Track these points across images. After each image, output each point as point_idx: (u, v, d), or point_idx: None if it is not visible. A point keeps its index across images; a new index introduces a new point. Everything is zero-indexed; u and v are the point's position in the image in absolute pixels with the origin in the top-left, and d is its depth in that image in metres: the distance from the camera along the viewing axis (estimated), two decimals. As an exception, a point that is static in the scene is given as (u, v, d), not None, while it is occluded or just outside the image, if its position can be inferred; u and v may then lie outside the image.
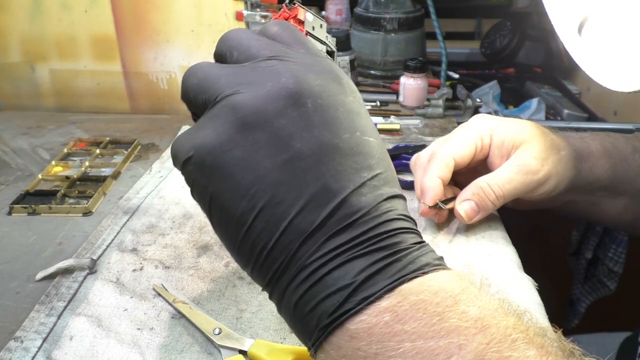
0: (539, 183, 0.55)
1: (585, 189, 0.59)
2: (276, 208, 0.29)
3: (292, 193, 0.29)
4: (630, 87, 0.41)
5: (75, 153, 0.77)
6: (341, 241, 0.29)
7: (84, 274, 0.51)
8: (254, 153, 0.30)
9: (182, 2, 0.84)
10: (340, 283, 0.28)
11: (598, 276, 0.83)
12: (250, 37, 0.35)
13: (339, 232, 0.29)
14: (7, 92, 0.92)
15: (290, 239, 0.29)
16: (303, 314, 0.29)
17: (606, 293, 0.83)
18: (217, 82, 0.32)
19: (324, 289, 0.28)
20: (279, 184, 0.30)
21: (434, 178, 0.55)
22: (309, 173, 0.30)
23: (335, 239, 0.29)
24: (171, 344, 0.44)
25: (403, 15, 1.03)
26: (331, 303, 0.28)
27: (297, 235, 0.29)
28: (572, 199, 0.60)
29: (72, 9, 0.85)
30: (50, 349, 0.43)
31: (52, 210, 0.62)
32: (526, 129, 0.57)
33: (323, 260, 0.28)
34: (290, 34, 0.36)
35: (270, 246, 0.30)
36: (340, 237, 0.29)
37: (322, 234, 0.29)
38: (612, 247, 0.85)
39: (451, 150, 0.56)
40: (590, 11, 0.44)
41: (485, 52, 1.33)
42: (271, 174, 0.30)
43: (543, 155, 0.55)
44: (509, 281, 0.51)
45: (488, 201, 0.55)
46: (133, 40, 0.87)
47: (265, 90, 0.31)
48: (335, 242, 0.29)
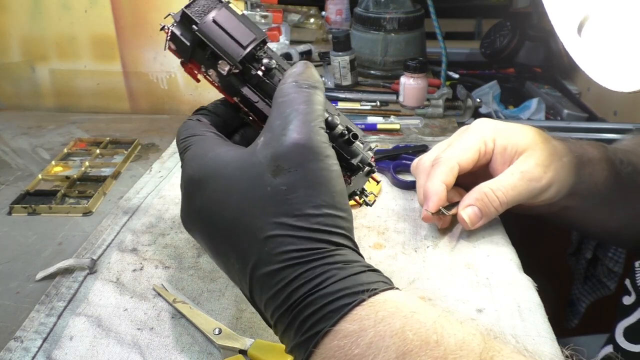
0: (542, 190, 0.55)
1: (582, 195, 0.59)
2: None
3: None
4: (630, 87, 0.41)
5: (75, 153, 0.77)
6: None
7: (84, 274, 0.51)
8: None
9: (182, 2, 0.84)
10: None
11: (598, 276, 0.83)
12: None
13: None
14: (7, 92, 0.92)
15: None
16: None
17: (606, 293, 0.83)
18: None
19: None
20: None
21: (438, 183, 0.55)
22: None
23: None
24: (171, 344, 0.44)
25: (403, 15, 1.02)
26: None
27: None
28: (567, 204, 0.60)
29: (72, 9, 0.85)
30: (50, 349, 0.43)
31: (52, 210, 0.62)
32: (529, 135, 0.57)
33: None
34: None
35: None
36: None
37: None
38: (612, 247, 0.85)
39: (455, 155, 0.57)
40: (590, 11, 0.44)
41: (485, 52, 1.33)
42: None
43: (546, 162, 0.55)
44: (509, 281, 0.51)
45: (492, 207, 0.55)
46: (133, 40, 0.87)
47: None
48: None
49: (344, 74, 0.99)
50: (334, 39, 0.99)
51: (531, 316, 0.47)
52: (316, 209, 0.34)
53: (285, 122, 0.36)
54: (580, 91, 1.17)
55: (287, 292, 0.33)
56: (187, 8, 0.40)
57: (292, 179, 0.34)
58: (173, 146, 0.78)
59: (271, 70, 0.41)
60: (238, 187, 0.35)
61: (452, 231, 0.59)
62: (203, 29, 0.40)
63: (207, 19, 0.40)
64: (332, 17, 1.34)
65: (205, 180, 0.36)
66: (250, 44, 0.40)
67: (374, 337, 0.30)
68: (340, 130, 0.40)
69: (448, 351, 0.29)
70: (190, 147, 0.39)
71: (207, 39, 0.40)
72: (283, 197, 0.34)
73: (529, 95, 1.17)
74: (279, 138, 0.35)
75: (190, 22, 0.40)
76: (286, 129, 0.35)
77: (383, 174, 0.69)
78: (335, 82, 1.02)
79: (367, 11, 1.05)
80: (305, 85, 0.38)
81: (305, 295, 0.32)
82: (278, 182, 0.34)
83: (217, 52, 0.40)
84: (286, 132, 0.35)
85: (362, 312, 0.31)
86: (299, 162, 0.35)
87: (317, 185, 0.34)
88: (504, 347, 0.31)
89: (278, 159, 0.35)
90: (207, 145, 0.39)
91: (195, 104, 0.91)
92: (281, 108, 0.37)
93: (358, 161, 0.42)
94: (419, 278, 0.52)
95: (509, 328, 0.45)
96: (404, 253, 0.55)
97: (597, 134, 0.88)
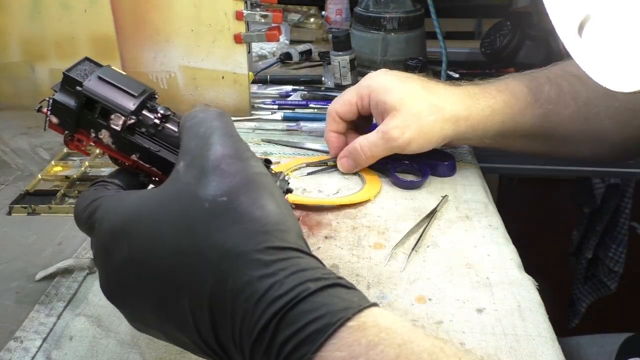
0: (400, 148, 0.64)
1: (474, 140, 0.68)
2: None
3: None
4: (630, 87, 0.41)
5: (75, 153, 0.77)
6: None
7: (83, 274, 0.51)
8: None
9: (182, 2, 0.84)
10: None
11: (598, 276, 0.83)
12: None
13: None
14: (7, 92, 0.92)
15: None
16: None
17: (606, 293, 0.83)
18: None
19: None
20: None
21: (328, 133, 0.70)
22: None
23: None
24: (171, 344, 0.44)
25: (403, 15, 1.02)
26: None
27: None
28: (501, 143, 0.68)
29: (72, 9, 0.85)
30: (50, 349, 0.43)
31: (52, 210, 0.62)
32: (399, 94, 0.63)
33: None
34: None
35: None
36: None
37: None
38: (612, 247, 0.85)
39: (335, 107, 0.68)
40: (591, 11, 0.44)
41: (485, 51, 1.33)
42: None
43: (405, 124, 0.62)
44: (510, 281, 0.51)
45: (361, 159, 0.66)
46: (133, 40, 0.87)
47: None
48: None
49: (344, 74, 0.99)
50: (334, 39, 0.99)
51: (531, 316, 0.47)
52: (263, 209, 0.31)
53: (204, 139, 0.33)
54: (581, 91, 1.17)
55: (259, 311, 0.28)
56: (68, 71, 0.38)
57: (230, 188, 0.31)
58: (173, 146, 0.78)
59: (168, 118, 0.40)
60: (171, 218, 0.31)
61: (450, 228, 0.59)
62: (89, 86, 0.38)
63: (92, 77, 0.38)
64: (332, 16, 1.34)
65: (128, 225, 0.32)
66: (142, 94, 0.39)
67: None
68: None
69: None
70: (98, 207, 0.35)
71: (95, 96, 0.38)
72: (225, 207, 0.31)
73: (529, 95, 1.17)
74: (201, 156, 0.32)
75: (74, 84, 0.38)
76: (207, 144, 0.33)
77: (383, 174, 0.69)
78: (335, 82, 1.02)
79: (367, 11, 1.05)
80: (211, 108, 0.36)
81: (280, 311, 0.28)
82: (215, 195, 0.31)
83: (108, 105, 0.38)
84: (209, 148, 0.32)
85: (349, 337, 0.28)
86: (234, 171, 0.32)
87: (257, 186, 0.32)
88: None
89: (208, 174, 0.31)
90: (119, 197, 0.35)
91: (195, 104, 0.91)
92: (193, 130, 0.34)
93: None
94: (419, 278, 0.52)
95: (510, 328, 0.45)
96: (404, 253, 0.55)
97: (597, 134, 0.87)
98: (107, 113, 0.38)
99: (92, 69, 0.39)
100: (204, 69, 0.88)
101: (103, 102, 0.38)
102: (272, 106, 0.93)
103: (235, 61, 0.87)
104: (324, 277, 0.30)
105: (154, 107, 0.40)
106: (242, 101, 0.90)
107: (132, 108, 0.38)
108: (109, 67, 0.40)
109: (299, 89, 1.00)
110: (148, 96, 0.40)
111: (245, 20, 0.85)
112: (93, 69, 0.39)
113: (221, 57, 0.87)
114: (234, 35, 0.85)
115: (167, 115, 0.40)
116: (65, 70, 0.38)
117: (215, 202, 0.31)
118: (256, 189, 0.32)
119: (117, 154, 0.40)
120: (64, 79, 0.38)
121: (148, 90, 0.40)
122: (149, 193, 0.35)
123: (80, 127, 0.39)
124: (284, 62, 1.19)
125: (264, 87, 1.03)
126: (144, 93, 0.39)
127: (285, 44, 1.24)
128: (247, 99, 0.90)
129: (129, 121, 0.38)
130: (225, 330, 0.30)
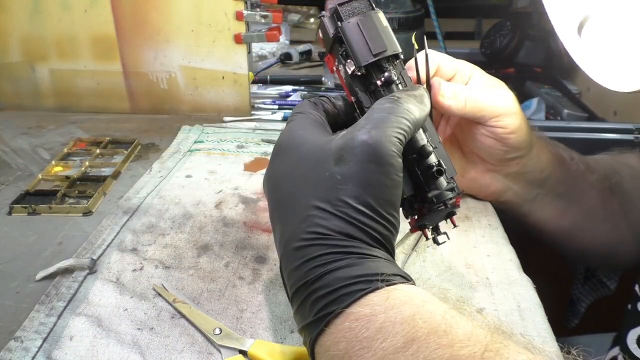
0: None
1: (527, 179, 0.61)
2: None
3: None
4: (630, 87, 0.41)
5: (75, 153, 0.77)
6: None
7: (84, 273, 0.51)
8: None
9: (182, 2, 0.84)
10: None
11: (598, 276, 0.83)
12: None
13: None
14: (7, 92, 0.92)
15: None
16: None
17: (606, 293, 0.83)
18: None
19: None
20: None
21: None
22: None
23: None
24: (171, 344, 0.44)
25: (403, 15, 1.02)
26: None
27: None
28: (513, 190, 0.61)
29: (72, 9, 0.85)
30: (50, 349, 0.43)
31: (52, 210, 0.62)
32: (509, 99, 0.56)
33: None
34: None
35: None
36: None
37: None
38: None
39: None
40: (590, 11, 0.44)
41: (485, 52, 1.33)
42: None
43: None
44: (509, 281, 0.51)
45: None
46: (133, 40, 0.87)
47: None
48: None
49: (344, 74, 0.99)
50: (334, 39, 0.99)
51: (531, 316, 0.47)
52: (358, 206, 0.36)
53: (366, 123, 0.38)
54: (580, 91, 1.17)
55: (307, 267, 0.35)
56: (341, 6, 0.44)
57: (348, 171, 0.36)
58: (173, 146, 0.78)
59: (391, 84, 0.43)
60: (304, 165, 0.38)
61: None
62: (345, 27, 0.43)
63: (352, 20, 0.44)
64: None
65: (286, 150, 0.40)
66: (380, 54, 0.43)
67: (384, 322, 0.31)
68: (430, 162, 0.42)
69: (455, 340, 0.30)
70: (292, 120, 0.43)
71: (344, 37, 0.44)
72: (334, 184, 0.36)
73: (529, 95, 1.17)
74: (353, 133, 0.37)
75: (338, 19, 0.44)
76: (363, 127, 0.37)
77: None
78: (335, 82, 1.02)
79: (367, 11, 1.05)
80: (404, 101, 0.40)
81: (323, 273, 0.34)
82: (336, 170, 0.37)
83: (349, 51, 0.44)
84: (361, 130, 0.37)
85: (374, 298, 0.33)
86: (360, 158, 0.36)
87: (368, 185, 0.36)
88: (511, 342, 0.31)
89: (344, 149, 0.37)
90: (303, 124, 0.42)
91: (195, 104, 0.91)
92: (370, 112, 0.39)
93: (434, 196, 0.43)
94: (419, 278, 0.52)
95: (509, 328, 0.45)
96: (404, 253, 0.55)
97: (597, 134, 0.88)
98: (347, 56, 0.44)
99: (365, 8, 0.45)
100: (204, 69, 0.88)
101: (346, 46, 0.44)
102: (272, 106, 0.93)
103: (235, 61, 0.87)
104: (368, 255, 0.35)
105: (385, 69, 0.44)
106: (242, 101, 0.90)
107: (363, 63, 0.43)
108: (373, 16, 0.44)
109: (299, 89, 1.00)
110: (389, 57, 0.44)
111: (246, 21, 0.85)
112: (365, 8, 0.45)
113: (221, 57, 0.87)
114: (234, 36, 0.85)
115: (390, 82, 0.43)
116: (339, 3, 0.44)
117: (331, 176, 0.37)
118: (367, 187, 0.36)
119: (346, 88, 0.46)
120: (334, 10, 0.44)
121: (390, 51, 0.44)
122: (311, 138, 0.40)
123: (332, 52, 0.46)
124: (284, 62, 1.19)
125: (264, 87, 1.03)
126: (383, 53, 0.43)
127: (285, 44, 1.24)
128: (247, 99, 0.90)
129: (357, 72, 0.44)
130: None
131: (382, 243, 0.37)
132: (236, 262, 0.54)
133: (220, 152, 0.77)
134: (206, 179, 0.70)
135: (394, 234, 0.38)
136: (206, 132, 0.83)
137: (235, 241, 0.57)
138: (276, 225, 0.39)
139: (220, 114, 0.91)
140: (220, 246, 0.56)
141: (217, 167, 0.73)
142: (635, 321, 0.60)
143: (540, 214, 0.64)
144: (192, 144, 0.79)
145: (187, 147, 0.78)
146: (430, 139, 0.44)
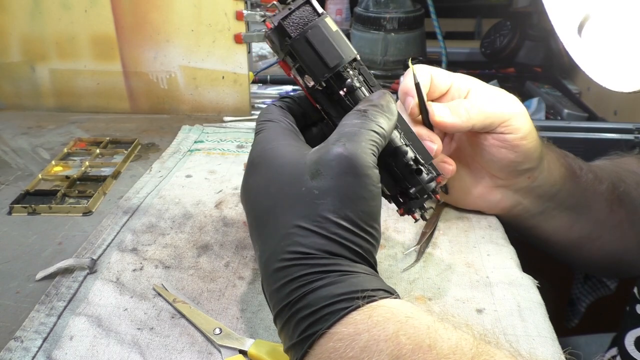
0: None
1: (538, 193, 0.59)
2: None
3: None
4: (630, 87, 0.41)
5: (75, 153, 0.77)
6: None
7: (84, 273, 0.51)
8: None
9: (182, 2, 0.84)
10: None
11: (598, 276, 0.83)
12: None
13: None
14: (7, 92, 0.92)
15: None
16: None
17: (606, 293, 0.83)
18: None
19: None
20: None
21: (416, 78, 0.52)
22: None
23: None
24: (171, 344, 0.44)
25: (403, 15, 1.02)
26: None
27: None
28: (523, 205, 0.60)
29: (72, 9, 0.85)
30: (51, 348, 0.43)
31: (52, 210, 0.62)
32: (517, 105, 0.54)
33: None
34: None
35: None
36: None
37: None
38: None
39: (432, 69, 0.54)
40: (590, 11, 0.44)
41: (485, 51, 1.33)
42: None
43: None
44: (509, 281, 0.51)
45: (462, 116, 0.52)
46: (133, 40, 0.87)
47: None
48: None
49: (344, 74, 0.99)
50: (334, 39, 0.99)
51: (531, 316, 0.47)
52: (338, 220, 0.36)
53: (339, 137, 0.38)
54: (580, 91, 1.17)
55: (289, 289, 0.34)
56: (284, 20, 0.42)
57: (325, 185, 0.36)
58: (173, 146, 0.78)
59: (354, 91, 0.43)
60: (279, 181, 0.38)
61: (449, 227, 0.59)
62: (294, 45, 0.41)
63: (299, 37, 0.41)
64: (332, 16, 1.34)
65: (259, 165, 0.40)
66: (337, 66, 0.42)
67: (368, 340, 0.31)
68: (407, 160, 0.43)
69: (440, 355, 0.30)
70: (262, 131, 0.42)
71: (297, 55, 0.42)
72: (312, 199, 0.36)
73: (529, 95, 1.17)
74: (327, 147, 0.37)
75: (284, 35, 0.42)
76: (338, 141, 0.38)
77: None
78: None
79: (367, 11, 1.05)
80: (371, 115, 0.40)
81: (305, 293, 0.34)
82: (313, 185, 0.36)
83: (304, 67, 0.42)
84: (335, 143, 0.37)
85: (357, 317, 0.32)
86: (337, 171, 0.36)
87: (346, 199, 0.36)
88: (497, 351, 0.31)
89: (319, 163, 0.37)
90: (274, 135, 0.41)
91: (195, 104, 0.91)
92: (341, 127, 0.39)
93: (417, 191, 0.44)
94: (419, 278, 0.52)
95: (509, 328, 0.45)
96: (404, 253, 0.55)
97: (597, 134, 0.87)
98: (304, 71, 0.43)
99: (310, 15, 0.42)
100: (204, 69, 0.88)
101: (300, 63, 0.42)
102: (272, 106, 0.93)
103: (235, 61, 0.87)
104: (349, 271, 0.35)
105: (345, 78, 0.42)
106: (242, 101, 0.90)
107: (321, 79, 0.42)
108: (321, 25, 0.41)
109: (298, 89, 1.00)
110: (345, 65, 0.42)
111: (246, 20, 0.85)
112: (311, 15, 0.42)
113: (221, 57, 0.87)
114: (234, 35, 0.85)
115: (353, 90, 0.43)
116: (282, 18, 0.41)
117: (308, 191, 0.36)
118: (345, 201, 0.36)
119: (309, 96, 0.45)
120: (278, 27, 0.42)
121: (347, 58, 0.42)
122: (284, 151, 0.39)
123: (285, 62, 0.44)
124: (284, 62, 1.19)
125: (264, 87, 1.03)
126: (340, 64, 0.42)
127: (285, 44, 1.24)
128: (247, 99, 0.90)
129: (317, 87, 0.43)
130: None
131: (364, 257, 0.37)
132: (236, 262, 0.54)
133: (220, 152, 0.77)
134: (206, 179, 0.70)
135: (376, 247, 0.38)
136: (206, 132, 0.84)
137: (235, 241, 0.57)
138: (255, 243, 0.39)
139: (220, 113, 0.91)
140: (220, 246, 0.56)
141: (217, 167, 0.73)
142: (633, 323, 0.60)
143: (547, 227, 0.62)
144: (192, 144, 0.79)
145: (187, 147, 0.78)
146: (401, 134, 0.44)
